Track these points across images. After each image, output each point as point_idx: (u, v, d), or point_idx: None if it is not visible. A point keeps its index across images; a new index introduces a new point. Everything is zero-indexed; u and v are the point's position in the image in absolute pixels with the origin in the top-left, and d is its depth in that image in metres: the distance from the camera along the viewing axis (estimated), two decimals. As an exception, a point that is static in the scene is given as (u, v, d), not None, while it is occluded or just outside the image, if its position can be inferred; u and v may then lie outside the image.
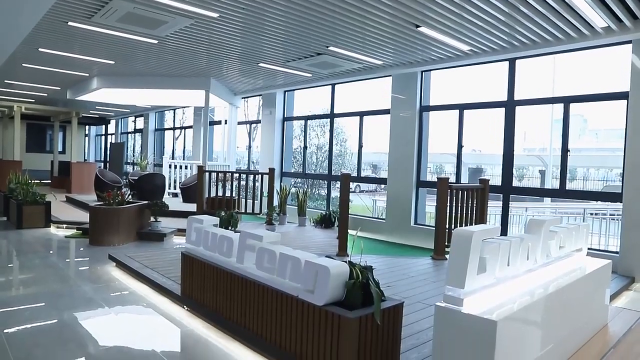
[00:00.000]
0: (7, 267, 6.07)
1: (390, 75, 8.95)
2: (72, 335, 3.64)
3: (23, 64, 9.63)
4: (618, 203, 6.37)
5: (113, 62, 9.25)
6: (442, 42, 6.78)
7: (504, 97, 7.49)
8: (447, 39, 6.57)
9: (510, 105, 7.43)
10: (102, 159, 23.64)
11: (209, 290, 3.91)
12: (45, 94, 14.16)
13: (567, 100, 6.85)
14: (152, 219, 7.77)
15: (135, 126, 20.50)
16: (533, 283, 2.65)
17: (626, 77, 6.09)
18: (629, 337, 3.33)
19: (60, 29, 6.94)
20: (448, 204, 6.33)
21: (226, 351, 3.43)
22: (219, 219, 4.60)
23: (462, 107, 8.13)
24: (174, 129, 17.70)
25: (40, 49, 8.22)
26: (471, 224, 6.48)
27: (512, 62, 7.38)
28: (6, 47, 7.76)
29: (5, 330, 3.65)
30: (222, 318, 3.75)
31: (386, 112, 9.16)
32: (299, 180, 13.01)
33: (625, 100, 6.14)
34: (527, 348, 2.35)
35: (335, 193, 10.36)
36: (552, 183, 14.19)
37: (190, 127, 15.49)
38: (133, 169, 17.87)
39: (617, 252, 6.29)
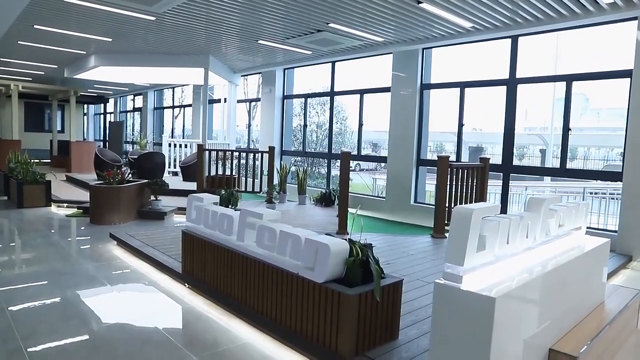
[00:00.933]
0: (10, 246, 6.11)
1: (391, 53, 8.84)
2: (75, 312, 3.68)
3: (19, 42, 9.51)
4: (618, 182, 6.37)
5: (110, 40, 9.13)
6: (443, 19, 6.67)
7: (505, 75, 7.41)
8: (449, 16, 6.47)
9: (511, 84, 7.36)
10: (102, 138, 23.56)
11: (210, 268, 3.95)
12: (43, 72, 14.02)
13: (569, 79, 6.78)
14: (152, 197, 7.79)
15: (134, 105, 20.35)
16: (532, 261, 2.66)
17: (630, 55, 6.01)
18: (624, 314, 3.37)
19: (55, 5, 6.82)
20: (448, 183, 6.33)
21: (227, 327, 3.48)
22: (219, 197, 4.61)
23: (463, 85, 8.06)
24: (173, 107, 17.58)
25: (35, 26, 8.10)
26: (471, 203, 6.50)
27: (514, 40, 7.28)
28: (0, 24, 7.65)
29: (10, 308, 3.70)
30: (223, 295, 3.79)
31: (387, 90, 9.08)
32: (299, 158, 12.98)
33: (629, 79, 6.07)
34: (525, 324, 2.38)
35: (336, 171, 10.36)
36: (553, 162, 14.17)
37: (190, 105, 15.39)
38: (132, 147, 17.83)
39: (615, 231, 6.32)
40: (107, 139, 20.40)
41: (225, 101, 12.75)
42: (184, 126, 16.82)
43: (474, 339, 2.10)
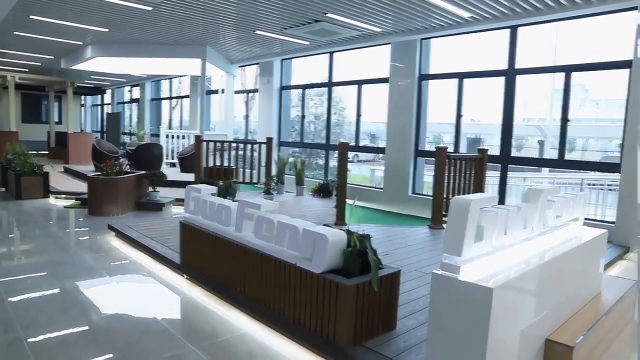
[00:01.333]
0: (8, 237, 6.10)
1: (389, 43, 8.79)
2: (74, 303, 3.69)
3: (14, 32, 9.42)
4: (616, 174, 6.38)
5: (107, 30, 9.05)
6: (442, 9, 6.63)
7: (504, 65, 7.39)
8: (448, 5, 6.43)
9: (510, 74, 7.33)
10: (99, 129, 23.45)
11: (208, 259, 3.95)
12: (39, 63, 13.92)
13: (568, 69, 6.76)
14: (150, 188, 7.78)
15: (131, 96, 20.26)
16: (529, 252, 2.67)
17: (630, 46, 5.99)
18: (620, 305, 3.39)
19: (51, -5, 6.76)
20: (446, 174, 6.34)
21: (225, 318, 3.50)
22: (217, 188, 4.60)
23: (461, 76, 8.03)
24: (170, 98, 17.50)
25: (31, 16, 8.02)
26: (469, 194, 6.50)
27: (513, 30, 7.24)
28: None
29: (10, 299, 3.70)
30: (221, 286, 3.80)
31: (385, 80, 9.04)
32: (297, 149, 12.96)
33: (628, 69, 6.06)
34: (522, 315, 2.39)
35: (333, 162, 10.35)
36: (551, 153, 14.17)
37: (187, 96, 15.32)
38: (130, 139, 17.77)
39: (613, 222, 6.34)
40: (105, 130, 20.32)
41: (222, 92, 12.70)
42: (181, 117, 16.75)
43: (471, 329, 2.11)
